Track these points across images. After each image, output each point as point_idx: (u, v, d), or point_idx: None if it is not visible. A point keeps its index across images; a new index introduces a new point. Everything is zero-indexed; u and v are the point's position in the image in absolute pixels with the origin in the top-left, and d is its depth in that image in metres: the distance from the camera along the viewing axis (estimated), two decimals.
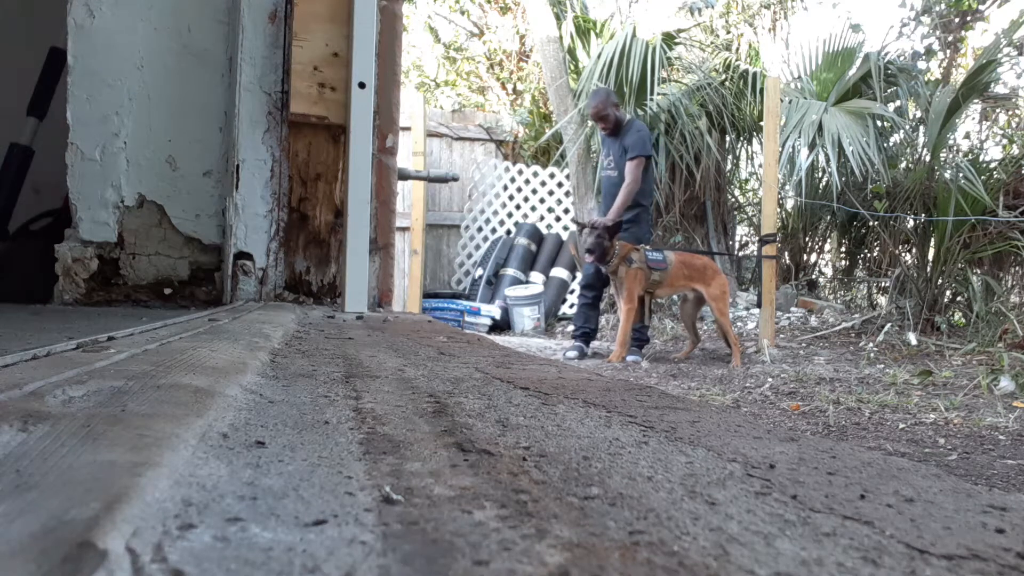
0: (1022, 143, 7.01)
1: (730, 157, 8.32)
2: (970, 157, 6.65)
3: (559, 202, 8.34)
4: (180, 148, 2.44)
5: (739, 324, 6.60)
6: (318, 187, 2.53)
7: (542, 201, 8.37)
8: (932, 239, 6.44)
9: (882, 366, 4.70)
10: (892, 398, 3.46)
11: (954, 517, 0.49)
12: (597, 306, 5.54)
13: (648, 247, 5.09)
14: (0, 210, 2.83)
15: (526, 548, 0.38)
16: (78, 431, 0.52)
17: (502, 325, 7.21)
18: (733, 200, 8.67)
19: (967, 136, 7.43)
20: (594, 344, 5.65)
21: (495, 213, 8.35)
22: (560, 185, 8.33)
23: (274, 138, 2.45)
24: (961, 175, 6.06)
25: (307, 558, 0.35)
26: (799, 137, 6.92)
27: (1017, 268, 6.41)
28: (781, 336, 5.97)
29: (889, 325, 5.82)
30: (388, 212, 2.72)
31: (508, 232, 8.24)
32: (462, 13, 10.80)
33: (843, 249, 8.02)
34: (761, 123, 6.38)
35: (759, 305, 5.91)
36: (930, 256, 6.44)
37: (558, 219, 8.33)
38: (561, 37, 7.96)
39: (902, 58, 7.83)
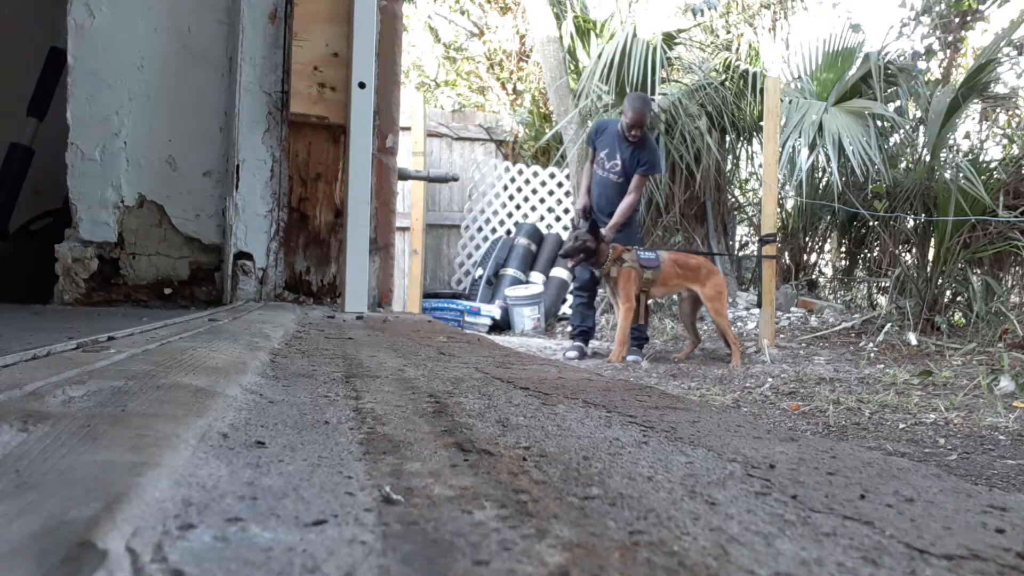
0: (1022, 143, 7.01)
1: (730, 157, 8.32)
2: (970, 157, 6.65)
3: (559, 202, 8.34)
4: (180, 148, 2.44)
5: (739, 324, 6.60)
6: (318, 187, 2.53)
7: (542, 201, 8.37)
8: (932, 239, 6.45)
9: (882, 366, 4.70)
10: (892, 398, 3.46)
11: (954, 517, 0.49)
12: (593, 304, 5.55)
13: (639, 247, 5.11)
14: (0, 210, 2.83)
15: (526, 548, 0.38)
16: (78, 431, 0.52)
17: (502, 325, 7.21)
18: (733, 200, 8.67)
19: (967, 136, 7.43)
20: (594, 344, 5.66)
21: (495, 213, 8.34)
22: (560, 185, 8.32)
23: (274, 138, 2.45)
24: (961, 175, 6.06)
25: (307, 558, 0.35)
26: (799, 137, 6.92)
27: (1017, 268, 6.41)
28: (781, 336, 5.97)
29: (889, 325, 5.82)
30: (388, 212, 2.72)
31: (508, 232, 8.24)
32: (462, 13, 10.80)
33: (843, 249, 8.02)
34: (761, 123, 6.38)
35: (759, 305, 5.91)
36: (930, 256, 6.44)
37: (558, 219, 8.33)
38: (561, 37, 7.95)
39: (902, 58, 7.83)
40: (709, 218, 7.73)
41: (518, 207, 8.37)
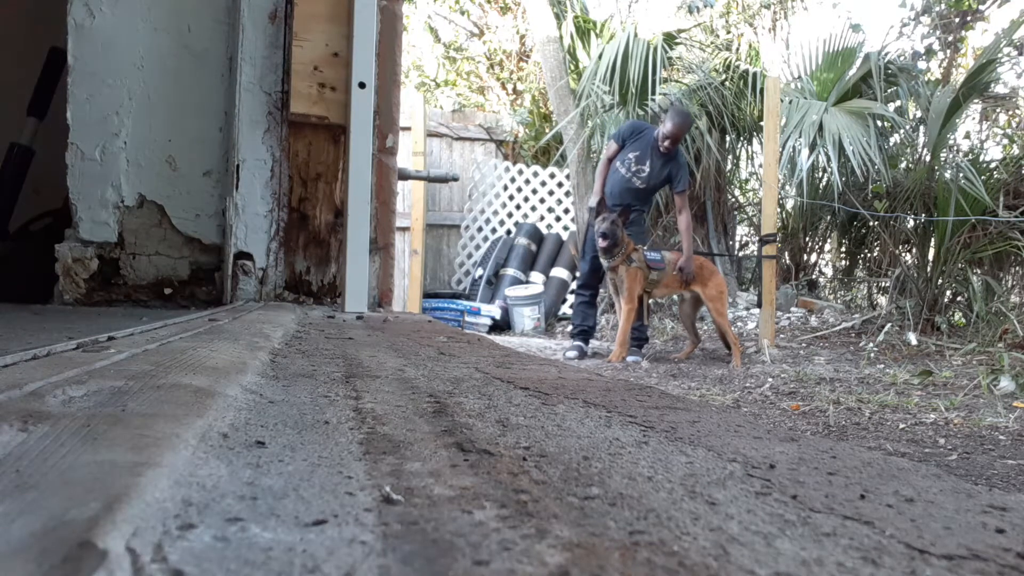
0: (1022, 143, 7.01)
1: (730, 157, 8.31)
2: (970, 157, 6.64)
3: (559, 202, 8.34)
4: (180, 148, 2.44)
5: (739, 324, 6.60)
6: (318, 187, 2.53)
7: (542, 201, 8.37)
8: (932, 239, 6.44)
9: (882, 366, 4.70)
10: (892, 398, 3.46)
11: (954, 517, 0.49)
12: (595, 303, 5.55)
13: (646, 247, 5.10)
14: (0, 210, 2.83)
15: (526, 548, 0.38)
16: (78, 431, 0.52)
17: (502, 325, 7.21)
18: (733, 200, 8.66)
19: (967, 136, 7.42)
20: (594, 344, 5.66)
21: (495, 213, 8.34)
22: (560, 185, 8.33)
23: (274, 138, 2.45)
24: (961, 175, 6.06)
25: (307, 558, 0.35)
26: (799, 137, 6.91)
27: (1017, 268, 6.41)
28: (781, 336, 5.97)
29: (889, 325, 5.82)
30: (388, 212, 2.72)
31: (508, 232, 8.24)
32: (462, 13, 10.80)
33: (843, 249, 8.01)
34: (761, 123, 6.37)
35: (759, 305, 5.91)
36: (930, 256, 6.43)
37: (558, 219, 8.33)
38: (561, 37, 7.95)
39: (902, 58, 7.82)
40: (709, 218, 7.72)
41: (518, 207, 8.37)
